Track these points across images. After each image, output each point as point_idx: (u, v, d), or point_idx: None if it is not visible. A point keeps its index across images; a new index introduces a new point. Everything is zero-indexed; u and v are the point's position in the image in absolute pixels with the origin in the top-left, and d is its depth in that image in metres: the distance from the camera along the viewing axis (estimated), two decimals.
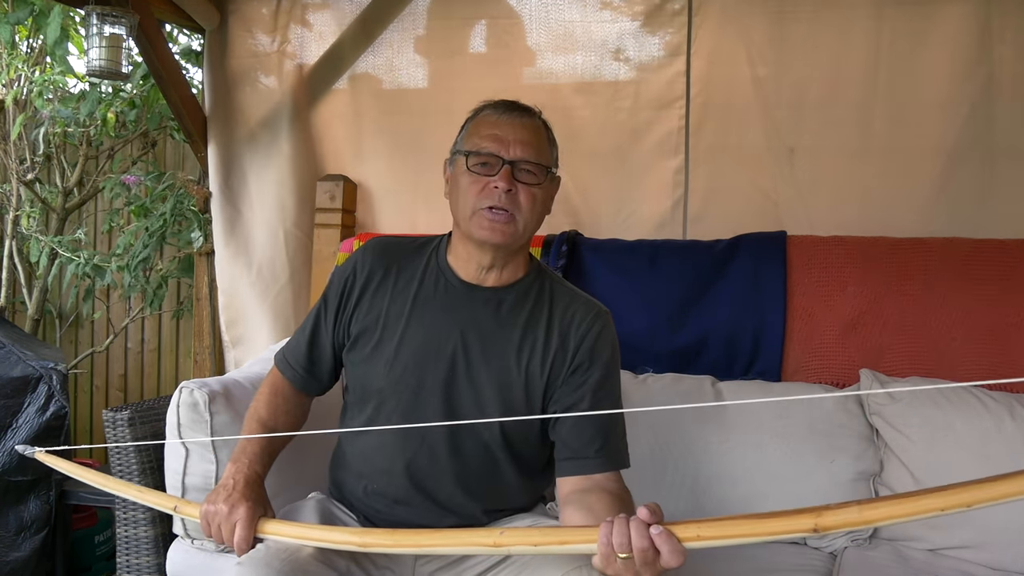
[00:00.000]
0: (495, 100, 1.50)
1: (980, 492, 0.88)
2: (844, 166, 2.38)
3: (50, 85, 3.29)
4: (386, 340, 1.49)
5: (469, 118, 1.51)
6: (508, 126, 1.44)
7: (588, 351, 1.46)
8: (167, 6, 2.67)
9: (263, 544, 1.38)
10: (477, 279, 1.49)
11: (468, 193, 1.43)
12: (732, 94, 2.46)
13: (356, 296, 1.53)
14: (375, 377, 1.48)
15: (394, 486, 1.48)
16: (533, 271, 1.53)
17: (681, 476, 1.95)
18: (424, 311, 1.49)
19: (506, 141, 1.42)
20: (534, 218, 1.45)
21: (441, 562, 1.48)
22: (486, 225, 1.41)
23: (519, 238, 1.45)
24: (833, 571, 1.78)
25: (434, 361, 1.46)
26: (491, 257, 1.46)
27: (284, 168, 2.79)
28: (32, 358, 2.50)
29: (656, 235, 2.46)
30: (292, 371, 1.60)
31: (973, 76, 2.27)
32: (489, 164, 1.42)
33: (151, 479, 1.93)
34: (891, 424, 1.93)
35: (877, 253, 2.18)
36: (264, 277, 2.81)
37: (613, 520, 1.08)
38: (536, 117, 1.49)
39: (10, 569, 2.37)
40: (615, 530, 1.07)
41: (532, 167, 1.43)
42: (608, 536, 1.07)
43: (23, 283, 3.63)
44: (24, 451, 1.58)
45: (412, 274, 1.52)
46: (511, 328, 1.47)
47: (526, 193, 1.42)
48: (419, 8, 2.72)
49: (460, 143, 1.50)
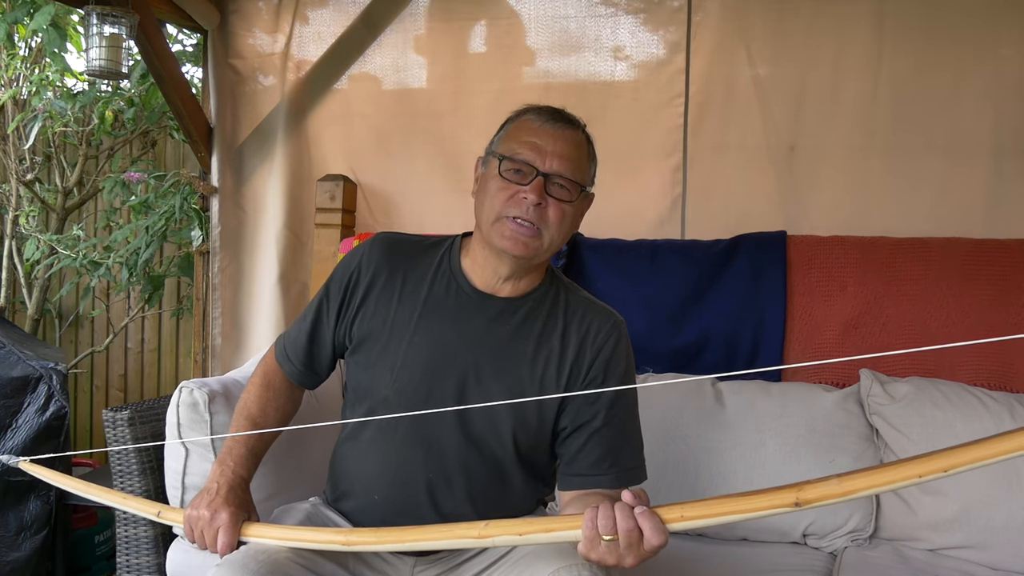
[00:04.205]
0: (540, 105, 1.43)
1: (956, 457, 0.90)
2: (844, 165, 2.37)
3: (48, 84, 3.29)
4: (393, 346, 1.43)
5: (510, 119, 1.45)
6: (549, 136, 1.37)
7: (603, 364, 1.42)
8: (167, 6, 2.66)
9: (244, 546, 1.36)
10: (491, 288, 1.43)
11: (496, 198, 1.37)
12: (731, 93, 2.45)
13: (361, 295, 1.47)
14: (381, 385, 1.42)
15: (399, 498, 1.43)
16: (548, 279, 1.47)
17: (681, 476, 1.95)
18: (434, 319, 1.43)
19: (544, 151, 1.36)
20: (560, 235, 1.38)
21: (440, 567, 1.46)
22: (508, 235, 1.35)
23: (542, 254, 1.39)
24: (833, 571, 1.78)
25: (442, 373, 1.40)
26: (509, 268, 1.41)
27: (284, 168, 2.79)
28: (32, 358, 2.50)
29: (655, 234, 2.45)
30: (291, 366, 1.56)
31: (976, 75, 2.26)
32: (523, 172, 1.36)
33: (151, 479, 1.93)
34: (891, 424, 1.93)
35: (877, 253, 2.17)
36: (263, 277, 2.81)
37: (598, 505, 1.09)
38: (579, 130, 1.42)
39: (10, 569, 2.37)
40: (600, 513, 1.07)
41: (566, 182, 1.36)
42: (593, 520, 1.07)
43: (23, 283, 3.63)
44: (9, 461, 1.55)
45: (422, 276, 1.46)
46: (525, 340, 1.42)
47: (556, 209, 1.36)
48: (419, 8, 2.72)
49: (496, 144, 1.42)
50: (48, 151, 3.60)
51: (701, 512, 1.03)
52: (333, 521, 1.50)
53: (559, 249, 1.43)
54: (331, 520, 1.50)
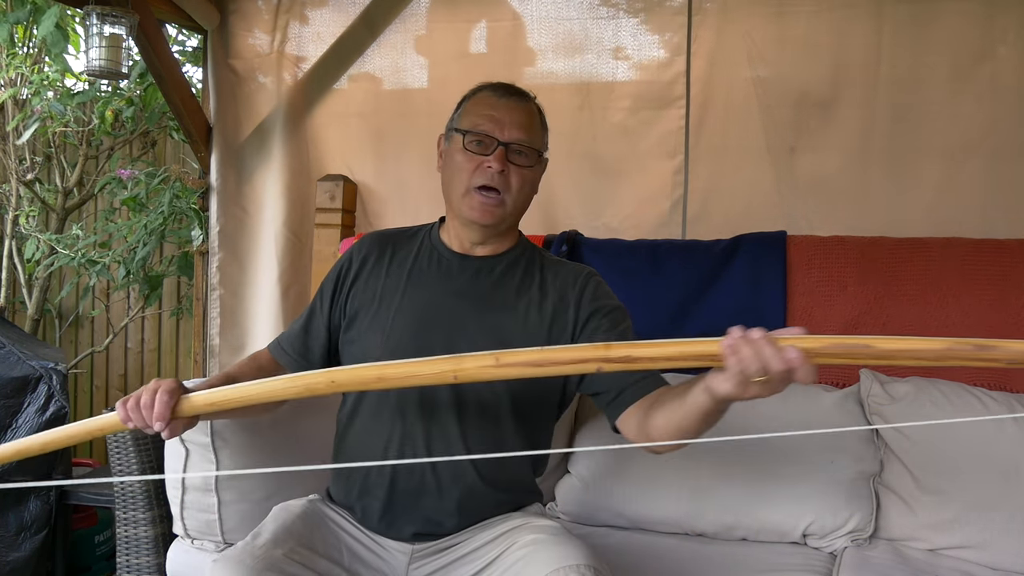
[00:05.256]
0: (493, 82, 1.56)
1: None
2: (844, 166, 2.38)
3: (48, 84, 3.29)
4: (382, 312, 1.53)
5: (467, 97, 1.56)
6: (505, 108, 1.50)
7: (590, 301, 1.51)
8: (167, 6, 2.67)
9: (241, 543, 1.38)
10: (467, 251, 1.56)
11: (462, 171, 1.49)
12: (732, 94, 2.46)
13: (352, 279, 1.58)
14: (373, 348, 1.49)
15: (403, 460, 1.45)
16: (521, 244, 1.59)
17: (682, 476, 1.95)
18: (419, 284, 1.54)
19: (502, 123, 1.48)
20: (522, 198, 1.52)
21: (433, 567, 1.48)
22: (476, 207, 1.48)
23: (507, 218, 1.52)
24: (833, 571, 1.78)
25: (431, 327, 1.49)
26: (480, 236, 1.54)
27: (284, 168, 2.79)
28: (32, 358, 2.50)
29: (655, 235, 2.46)
30: (287, 356, 1.61)
31: (975, 76, 2.27)
32: (484, 143, 1.48)
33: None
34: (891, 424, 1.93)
35: (877, 253, 2.17)
36: (262, 277, 2.81)
37: (734, 344, 1.02)
38: (531, 101, 1.55)
39: (10, 569, 2.37)
40: (745, 355, 1.01)
41: (525, 149, 1.49)
42: (739, 362, 1.02)
43: (23, 283, 3.63)
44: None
45: (407, 254, 1.58)
46: (505, 289, 1.53)
47: (517, 174, 1.49)
48: (420, 8, 2.72)
49: (456, 120, 1.54)
50: (48, 151, 3.60)
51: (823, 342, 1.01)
52: (331, 518, 1.52)
53: (522, 212, 1.55)
54: (329, 516, 1.52)
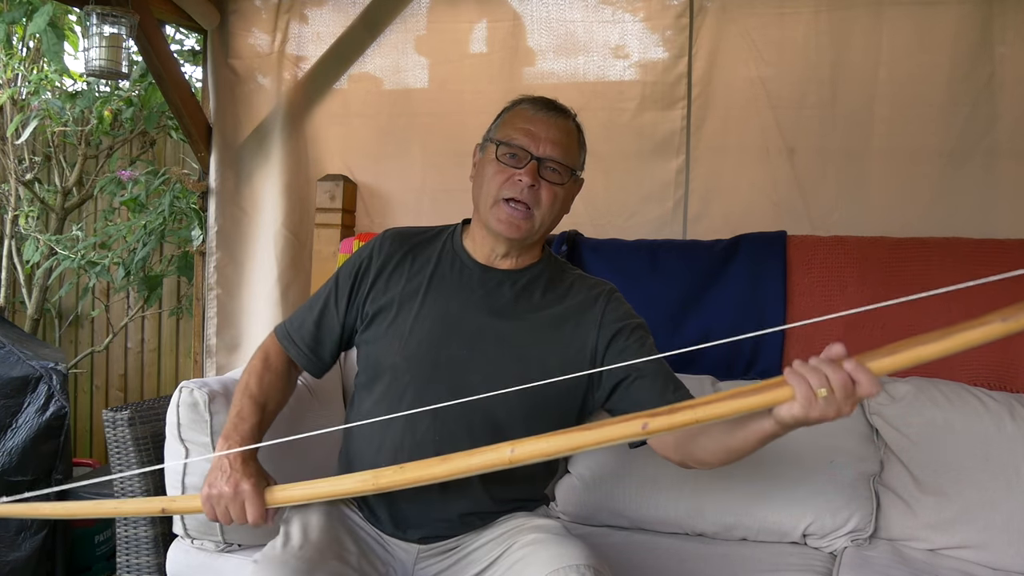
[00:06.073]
0: (534, 95, 1.55)
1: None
2: (844, 166, 2.38)
3: (46, 84, 3.29)
4: (401, 317, 1.52)
5: (506, 108, 1.56)
6: (542, 123, 1.49)
7: (613, 321, 1.50)
8: (167, 6, 2.66)
9: (278, 541, 1.40)
10: (491, 262, 1.54)
11: (493, 182, 1.48)
12: (733, 94, 2.46)
13: (372, 278, 1.56)
14: (390, 353, 1.50)
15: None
16: (545, 258, 1.59)
17: (682, 476, 1.95)
18: (439, 291, 1.53)
19: (538, 137, 1.48)
20: (551, 215, 1.50)
21: (438, 568, 1.49)
22: (504, 218, 1.47)
23: (534, 233, 1.50)
24: (833, 571, 1.78)
25: (449, 338, 1.48)
26: (505, 247, 1.53)
27: (283, 168, 2.79)
28: (32, 358, 2.50)
29: (656, 235, 2.46)
30: (296, 349, 1.61)
31: (974, 76, 2.27)
32: (518, 156, 1.48)
33: (151, 479, 1.93)
34: (891, 424, 1.93)
35: (877, 253, 2.18)
36: (261, 278, 2.81)
37: (794, 369, 1.10)
38: (571, 119, 1.54)
39: (10, 569, 2.37)
40: (806, 373, 1.09)
41: (558, 166, 1.48)
42: (804, 380, 1.09)
43: (23, 283, 3.63)
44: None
45: (428, 258, 1.57)
46: (526, 305, 1.52)
47: (548, 190, 1.48)
48: (420, 8, 2.72)
49: (493, 131, 1.54)
50: (47, 151, 3.59)
51: (902, 358, 1.08)
52: (347, 515, 1.53)
53: (550, 229, 1.54)
54: (345, 511, 1.53)
